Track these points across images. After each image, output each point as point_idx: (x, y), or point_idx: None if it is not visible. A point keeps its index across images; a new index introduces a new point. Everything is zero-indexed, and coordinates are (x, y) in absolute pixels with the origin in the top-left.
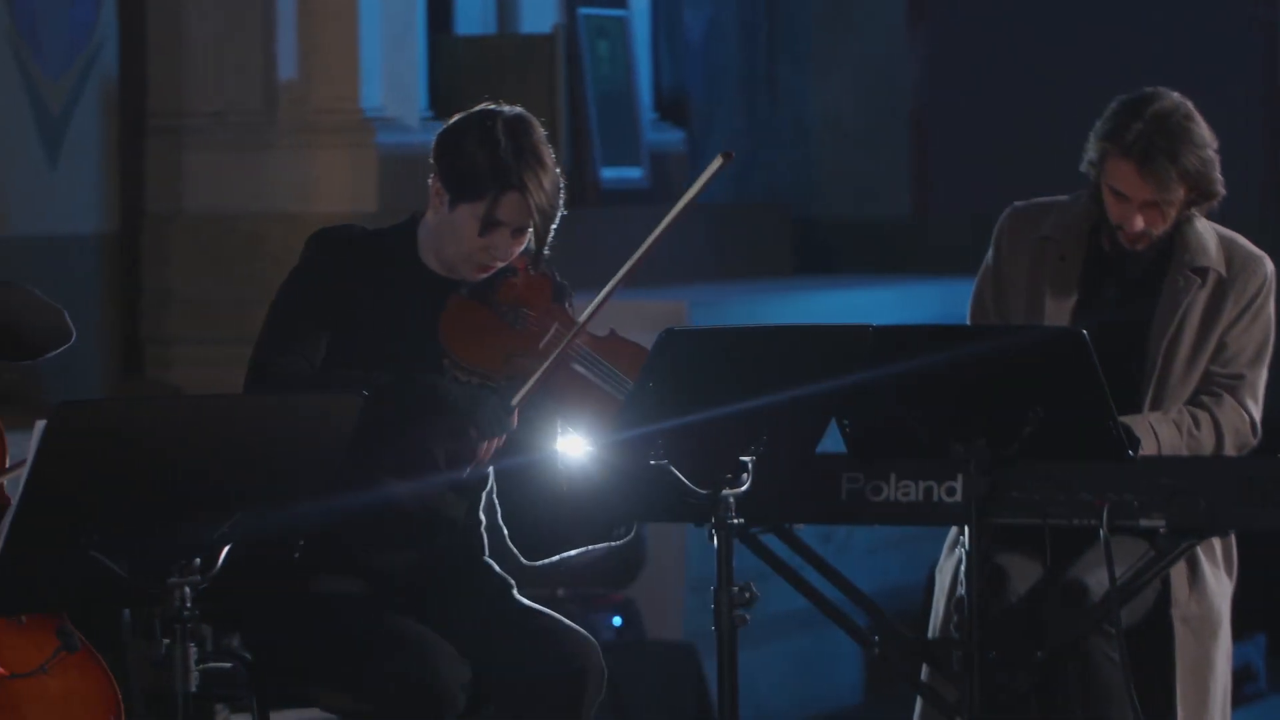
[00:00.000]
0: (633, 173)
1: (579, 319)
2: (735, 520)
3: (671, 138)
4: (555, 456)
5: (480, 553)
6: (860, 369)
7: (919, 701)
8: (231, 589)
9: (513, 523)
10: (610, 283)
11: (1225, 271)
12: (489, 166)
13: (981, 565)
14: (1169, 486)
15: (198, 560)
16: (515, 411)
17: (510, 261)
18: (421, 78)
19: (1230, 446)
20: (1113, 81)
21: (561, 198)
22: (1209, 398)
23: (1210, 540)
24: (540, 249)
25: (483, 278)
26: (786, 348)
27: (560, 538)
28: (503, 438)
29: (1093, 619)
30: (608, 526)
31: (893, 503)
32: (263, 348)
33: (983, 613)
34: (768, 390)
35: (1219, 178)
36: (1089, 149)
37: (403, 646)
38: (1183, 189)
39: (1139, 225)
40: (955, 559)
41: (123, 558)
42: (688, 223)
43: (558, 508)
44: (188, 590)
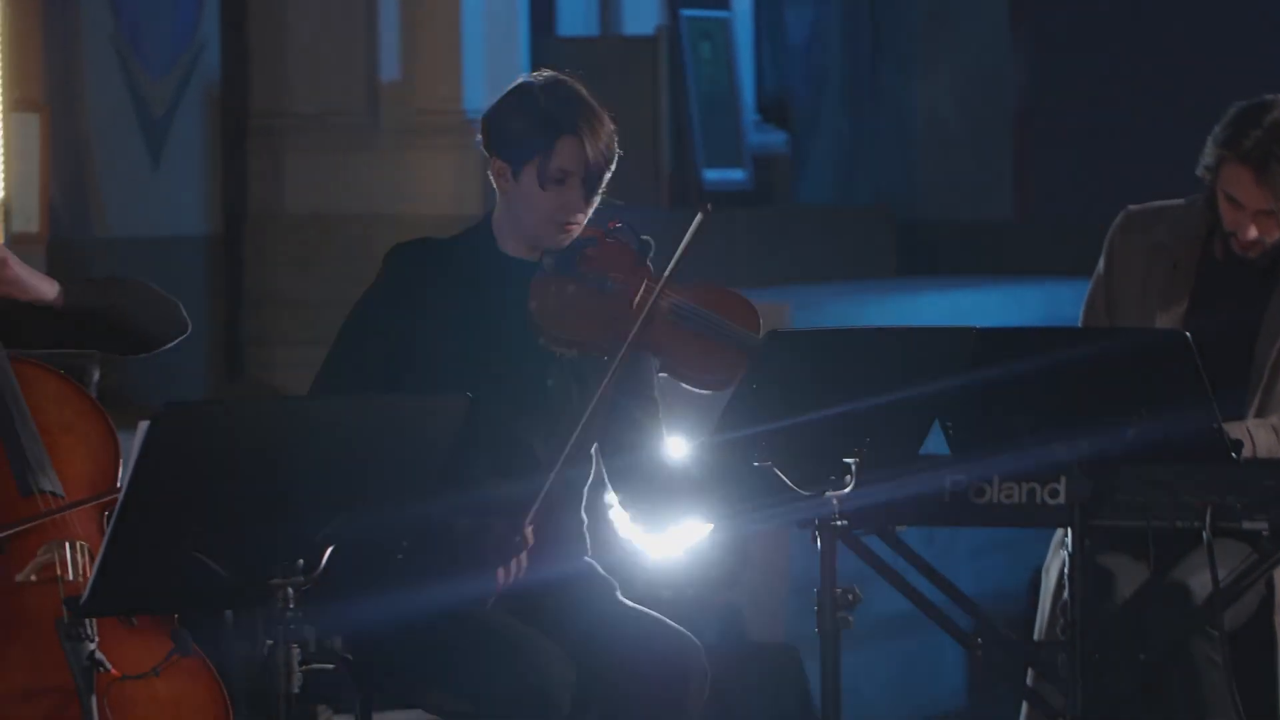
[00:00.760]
0: (735, 174)
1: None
2: (839, 523)
3: (774, 139)
4: (665, 446)
5: (583, 552)
6: (964, 371)
7: (1024, 705)
8: (335, 590)
9: (629, 498)
10: (687, 234)
11: None
12: (536, 121)
13: (1085, 567)
14: (1273, 489)
15: (301, 561)
16: (528, 530)
17: (588, 232)
18: None
19: None
20: (1217, 84)
21: (617, 141)
22: None
23: None
24: (591, 193)
25: (566, 240)
26: (890, 350)
27: (676, 506)
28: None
29: (1196, 622)
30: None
31: (996, 504)
32: (332, 363)
33: (1088, 615)
34: (871, 392)
35: None
36: (1205, 154)
37: (508, 647)
38: None
39: (1252, 233)
40: (1061, 561)
41: (226, 559)
42: (791, 226)
43: (670, 477)
44: (291, 591)
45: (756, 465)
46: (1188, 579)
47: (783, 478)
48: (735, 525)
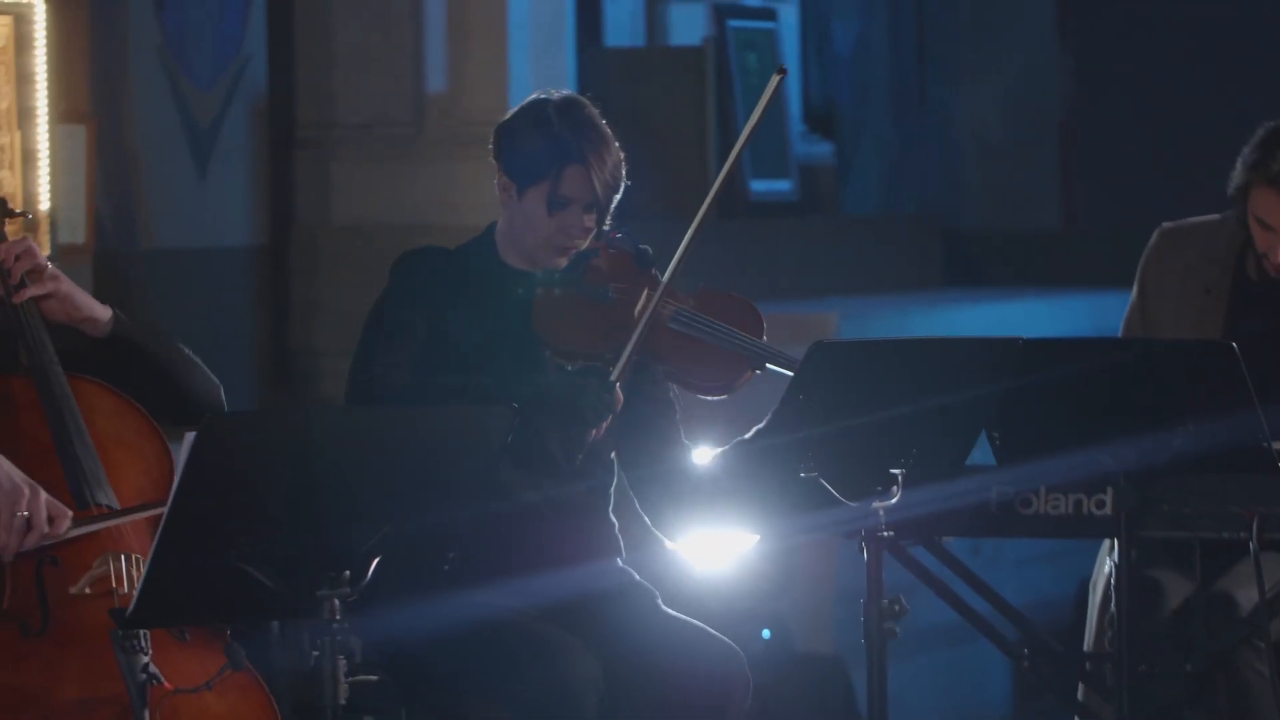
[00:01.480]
0: (782, 185)
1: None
2: (885, 533)
3: (820, 150)
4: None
5: (617, 554)
6: (1010, 381)
7: (1074, 717)
8: (381, 601)
9: (650, 506)
10: (687, 234)
11: None
12: (546, 145)
13: (1131, 578)
14: None
15: (347, 572)
16: (617, 387)
17: (589, 244)
18: (571, 89)
19: None
20: (1265, 92)
21: (624, 170)
22: None
23: None
24: (600, 223)
25: (564, 262)
26: (936, 360)
27: (699, 513)
28: (609, 418)
29: (1241, 633)
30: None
31: (1042, 515)
32: (361, 361)
33: (1136, 626)
34: (917, 402)
35: None
36: (1234, 176)
37: (547, 657)
38: None
39: None
40: (1108, 572)
41: (272, 569)
42: (837, 236)
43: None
44: (337, 602)
45: (803, 475)
46: (1234, 590)
47: (829, 488)
48: (781, 536)
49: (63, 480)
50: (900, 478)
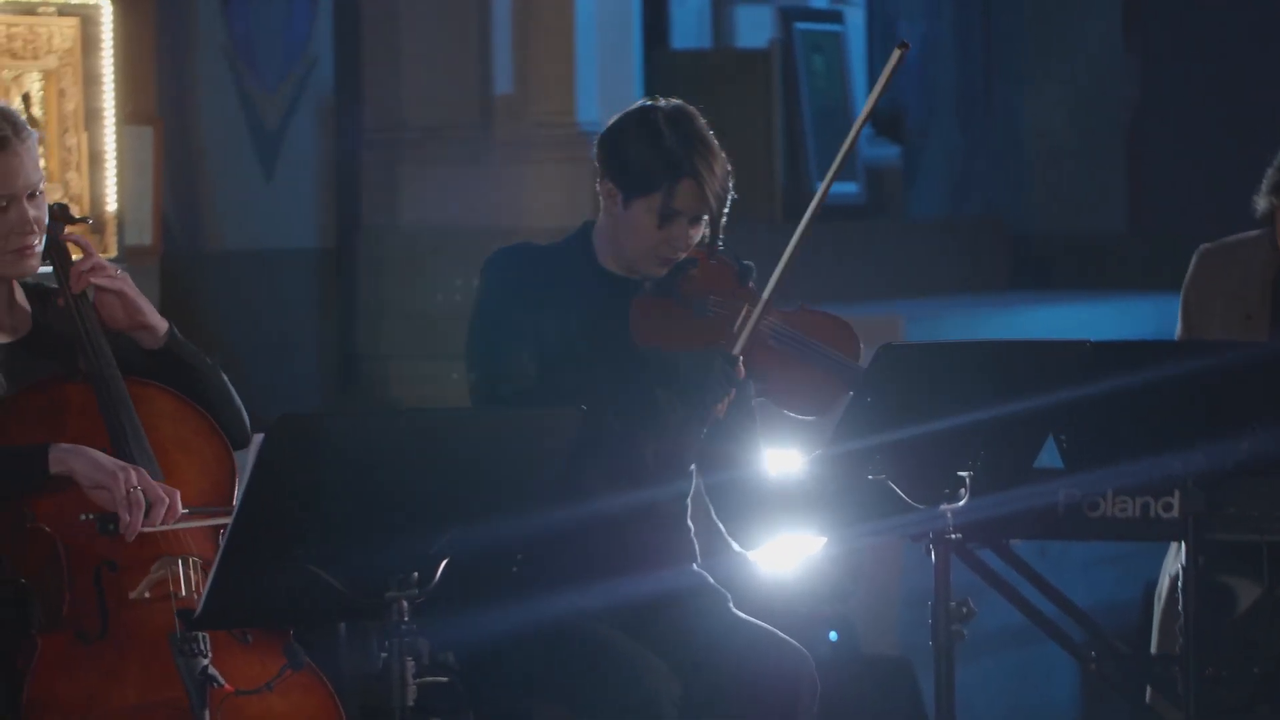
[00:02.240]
0: (848, 188)
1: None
2: (953, 536)
3: (887, 153)
4: (762, 459)
5: (691, 560)
6: (1078, 384)
7: None
8: (449, 602)
9: (728, 520)
10: (788, 248)
11: None
12: (658, 158)
13: (1199, 581)
14: None
15: (415, 574)
16: (739, 361)
17: (689, 253)
18: (637, 92)
19: None
20: None
21: (731, 181)
22: None
23: None
24: (715, 236)
25: (664, 272)
26: (1003, 363)
27: (773, 521)
28: (733, 393)
29: None
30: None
31: (1109, 518)
32: (485, 373)
33: (1205, 629)
34: (985, 406)
35: None
36: (1259, 200)
37: (615, 661)
38: None
39: None
40: (1174, 574)
41: (340, 571)
42: (904, 239)
43: (770, 500)
44: (405, 604)
45: (871, 479)
46: None
47: (897, 491)
48: (849, 538)
49: None
50: (968, 480)
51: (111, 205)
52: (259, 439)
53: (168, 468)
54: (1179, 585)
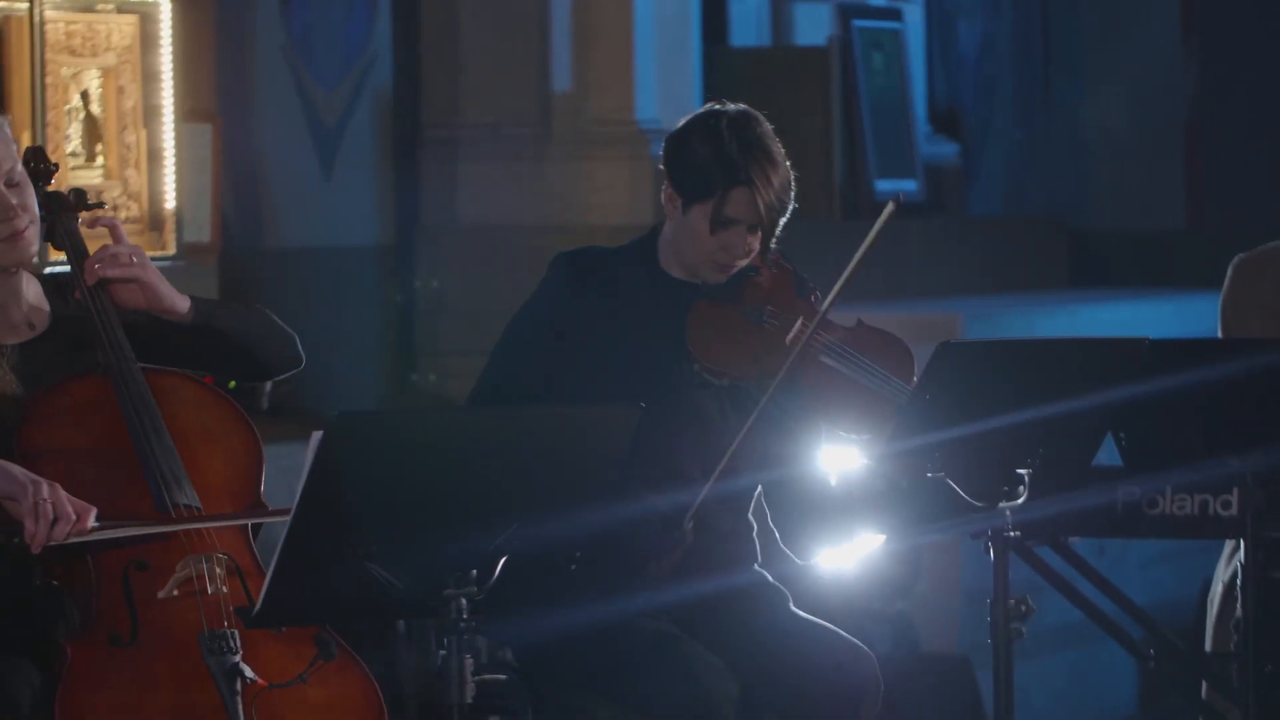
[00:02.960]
0: (907, 185)
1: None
2: (1012, 534)
3: (945, 151)
4: (819, 457)
5: (752, 560)
6: (1136, 382)
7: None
8: (508, 600)
9: (783, 524)
10: (849, 266)
11: None
12: (715, 164)
13: (1258, 579)
14: None
15: (474, 571)
16: (687, 527)
17: (752, 261)
18: (696, 89)
19: None
20: None
21: (792, 192)
22: None
23: None
24: (765, 248)
25: (724, 279)
26: (1062, 360)
27: (830, 532)
28: (678, 549)
29: None
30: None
31: (1168, 516)
32: (489, 377)
33: (1260, 627)
34: (1044, 403)
35: None
36: None
37: (673, 659)
38: None
39: None
40: (1231, 572)
41: (399, 569)
42: (963, 236)
43: (826, 504)
44: (464, 602)
45: (930, 476)
46: None
47: (956, 489)
48: (908, 536)
49: (143, 482)
50: (1027, 478)
51: (170, 203)
52: (317, 437)
53: (192, 458)
54: (1238, 583)
